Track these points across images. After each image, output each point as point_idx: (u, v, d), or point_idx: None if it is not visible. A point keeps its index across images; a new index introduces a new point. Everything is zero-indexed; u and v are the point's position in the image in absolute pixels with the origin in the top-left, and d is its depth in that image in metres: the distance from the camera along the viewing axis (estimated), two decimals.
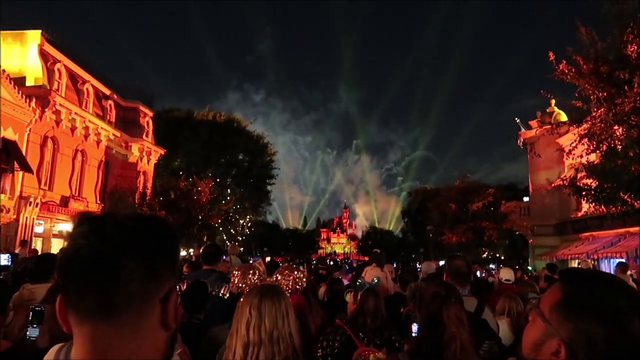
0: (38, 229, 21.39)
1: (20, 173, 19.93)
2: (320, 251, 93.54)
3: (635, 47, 10.45)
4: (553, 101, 24.87)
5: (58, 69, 22.94)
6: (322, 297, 7.22)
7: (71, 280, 0.79)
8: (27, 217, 20.37)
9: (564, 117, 21.37)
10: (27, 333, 2.70)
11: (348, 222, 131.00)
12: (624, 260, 15.04)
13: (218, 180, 35.34)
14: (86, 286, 0.78)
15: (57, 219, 22.45)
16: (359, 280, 3.87)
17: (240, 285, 2.82)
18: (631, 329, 0.96)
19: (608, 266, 19.12)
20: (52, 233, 22.38)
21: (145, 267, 0.80)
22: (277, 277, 2.86)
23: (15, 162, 19.20)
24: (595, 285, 1.04)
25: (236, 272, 2.41)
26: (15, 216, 19.82)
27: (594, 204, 13.44)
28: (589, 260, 19.17)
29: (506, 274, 7.64)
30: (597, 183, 12.72)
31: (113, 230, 0.81)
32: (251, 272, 2.87)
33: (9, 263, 8.44)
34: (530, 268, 23.87)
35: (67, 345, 0.92)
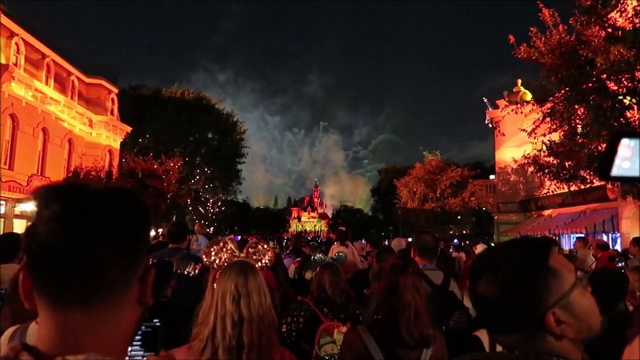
0: None
1: None
2: (291, 230, 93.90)
3: (597, 28, 10.70)
4: (519, 81, 25.37)
5: (16, 43, 21.94)
6: (292, 275, 7.34)
7: (45, 267, 0.73)
8: None
9: (529, 97, 21.80)
10: None
11: (319, 202, 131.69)
12: (583, 235, 15.65)
13: (187, 159, 34.83)
14: (64, 275, 0.73)
15: (19, 199, 21.78)
16: (315, 257, 3.92)
17: (213, 260, 2.81)
18: None
19: (568, 241, 19.87)
20: (14, 214, 21.72)
21: (123, 250, 0.76)
22: (247, 253, 2.86)
23: None
24: None
25: (211, 248, 2.39)
26: None
27: (555, 181, 13.89)
28: (552, 235, 19.87)
29: (482, 249, 8.01)
30: (558, 161, 13.12)
31: (88, 213, 0.74)
32: (224, 247, 2.86)
33: None
34: (493, 245, 24.56)
35: (22, 327, 0.89)
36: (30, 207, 22.14)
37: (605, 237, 16.81)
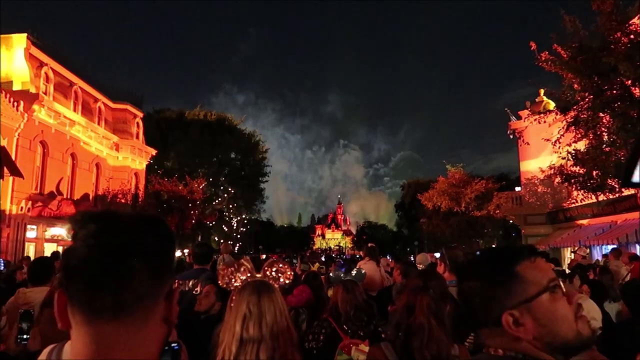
0: (30, 234, 21.27)
1: (11, 178, 19.78)
2: (315, 247, 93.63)
3: (620, 34, 10.54)
4: (542, 91, 25.04)
5: (45, 73, 22.76)
6: None
7: (82, 280, 0.79)
8: (18, 223, 20.24)
9: (552, 106, 21.50)
10: (18, 336, 2.71)
11: (342, 218, 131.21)
12: (615, 246, 15.20)
13: (211, 179, 35.26)
14: (99, 286, 0.79)
15: (49, 223, 22.33)
16: (331, 274, 3.88)
17: (229, 281, 2.83)
18: None
19: (600, 253, 19.30)
20: (45, 238, 22.25)
21: (152, 267, 0.83)
22: (264, 273, 2.86)
23: (5, 168, 19.06)
24: None
25: (224, 269, 2.40)
26: (7, 222, 19.69)
27: (583, 191, 13.57)
28: (583, 247, 19.34)
29: None
30: (585, 170, 12.84)
31: (121, 231, 0.83)
32: (239, 268, 2.87)
33: (2, 268, 8.45)
34: None
35: (59, 345, 0.94)
36: (60, 231, 22.70)
37: (639, 248, 16.29)
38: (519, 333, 1.12)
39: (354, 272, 3.60)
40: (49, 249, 21.52)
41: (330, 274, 3.85)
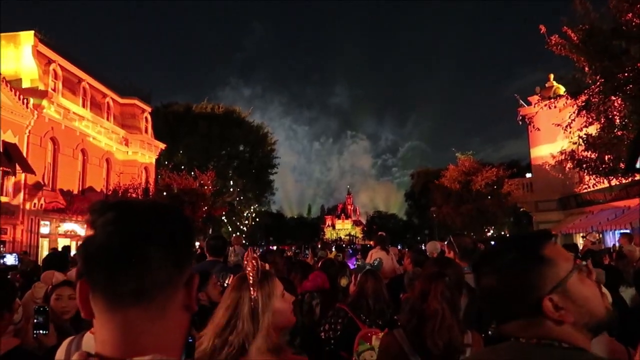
0: (44, 230, 21.53)
1: (23, 175, 20.00)
2: (325, 237, 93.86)
3: (631, 15, 10.35)
4: (552, 76, 24.74)
5: (53, 69, 22.90)
6: None
7: (102, 266, 0.80)
8: (32, 219, 20.49)
9: (563, 91, 21.22)
10: (34, 331, 2.74)
11: (352, 208, 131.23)
12: (628, 231, 15.04)
13: (220, 172, 35.39)
14: (120, 272, 0.79)
15: (62, 218, 22.58)
16: (358, 262, 3.88)
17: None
18: None
19: (613, 238, 19.13)
20: (58, 233, 22.53)
21: (171, 253, 0.84)
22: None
23: (17, 165, 19.27)
24: None
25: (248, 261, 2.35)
26: (20, 219, 19.95)
27: (595, 176, 13.43)
28: (595, 233, 19.18)
29: None
30: (596, 155, 12.70)
31: (140, 218, 0.84)
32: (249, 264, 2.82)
33: (16, 263, 8.59)
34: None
35: (78, 337, 0.95)
36: (73, 226, 22.95)
37: None
38: (563, 317, 1.10)
39: (375, 262, 3.61)
40: (62, 245, 21.78)
41: (358, 263, 3.85)
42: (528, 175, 29.34)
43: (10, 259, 8.59)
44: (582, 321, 1.11)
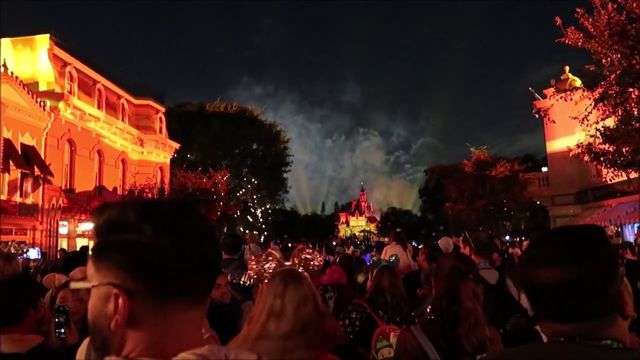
0: (62, 230, 21.86)
1: (41, 177, 20.30)
2: (340, 235, 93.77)
3: None
4: (567, 68, 24.40)
5: (69, 72, 23.19)
6: None
7: (154, 268, 0.79)
8: (50, 219, 20.81)
9: (579, 84, 20.93)
10: (56, 330, 2.79)
11: (366, 205, 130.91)
12: None
13: (234, 170, 35.56)
14: (205, 278, 0.86)
15: (80, 219, 22.90)
16: (374, 258, 3.86)
17: (258, 271, 2.80)
18: None
19: (632, 231, 18.83)
20: (77, 233, 22.86)
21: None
22: (293, 261, 2.79)
23: (35, 167, 19.58)
24: None
25: (253, 259, 2.38)
26: (40, 219, 20.27)
27: (612, 169, 13.23)
28: (612, 227, 18.90)
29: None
30: (614, 148, 12.49)
31: (206, 225, 0.90)
32: (268, 257, 2.85)
33: (39, 256, 8.77)
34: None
35: None
36: (91, 226, 23.23)
37: None
38: (629, 312, 1.04)
39: (392, 259, 3.59)
40: (80, 244, 22.10)
41: (374, 258, 3.81)
42: (544, 169, 29.00)
43: (34, 253, 8.78)
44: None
